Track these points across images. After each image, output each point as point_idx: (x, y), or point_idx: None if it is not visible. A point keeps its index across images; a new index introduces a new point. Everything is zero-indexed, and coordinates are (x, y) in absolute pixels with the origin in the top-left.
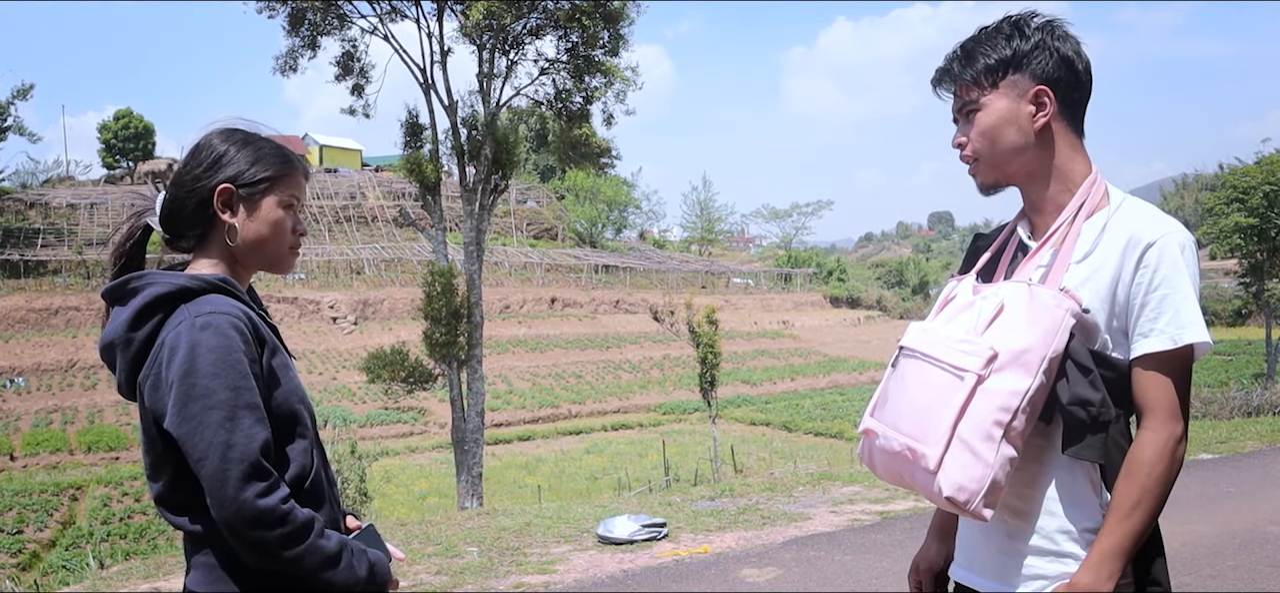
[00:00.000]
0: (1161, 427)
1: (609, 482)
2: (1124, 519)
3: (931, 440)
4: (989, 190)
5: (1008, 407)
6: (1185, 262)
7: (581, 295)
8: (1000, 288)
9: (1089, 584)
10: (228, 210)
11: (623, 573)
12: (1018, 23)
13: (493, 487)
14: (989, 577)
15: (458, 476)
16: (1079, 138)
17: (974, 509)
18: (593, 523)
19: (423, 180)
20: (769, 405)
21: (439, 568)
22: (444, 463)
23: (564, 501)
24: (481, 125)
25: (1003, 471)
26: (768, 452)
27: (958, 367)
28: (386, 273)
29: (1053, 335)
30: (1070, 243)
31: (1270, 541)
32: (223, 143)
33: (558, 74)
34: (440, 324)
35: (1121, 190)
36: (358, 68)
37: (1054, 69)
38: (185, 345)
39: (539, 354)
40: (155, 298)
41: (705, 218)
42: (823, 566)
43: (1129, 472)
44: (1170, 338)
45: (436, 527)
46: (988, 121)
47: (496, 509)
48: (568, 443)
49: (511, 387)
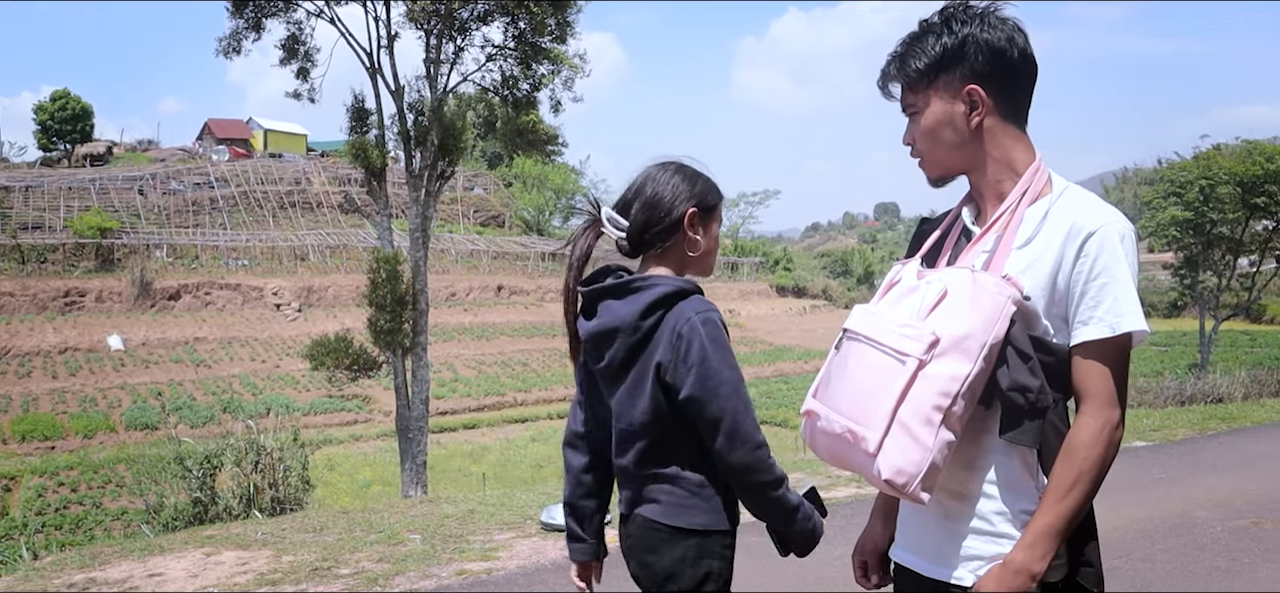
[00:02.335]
0: (1099, 412)
1: (554, 470)
2: (1059, 501)
3: (872, 424)
4: (937, 184)
5: (948, 392)
6: (1125, 251)
7: (528, 283)
8: (944, 273)
9: (1023, 563)
10: (692, 228)
11: (565, 559)
12: (947, 20)
13: (437, 475)
14: (927, 558)
15: (402, 464)
16: (1020, 125)
17: (912, 492)
18: (536, 510)
19: (368, 166)
20: None
21: (381, 556)
22: (388, 451)
23: (509, 489)
24: (428, 111)
25: (941, 455)
26: None
27: (899, 351)
28: (331, 260)
29: (994, 322)
30: (1013, 229)
31: (1198, 525)
32: (680, 177)
33: (505, 61)
34: (385, 311)
35: (1064, 178)
36: (303, 51)
37: (985, 64)
38: (700, 335)
39: (485, 342)
40: (662, 296)
41: None
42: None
43: (1066, 455)
44: (1109, 326)
45: (379, 515)
46: (926, 124)
47: (440, 497)
48: (513, 431)
49: (457, 375)
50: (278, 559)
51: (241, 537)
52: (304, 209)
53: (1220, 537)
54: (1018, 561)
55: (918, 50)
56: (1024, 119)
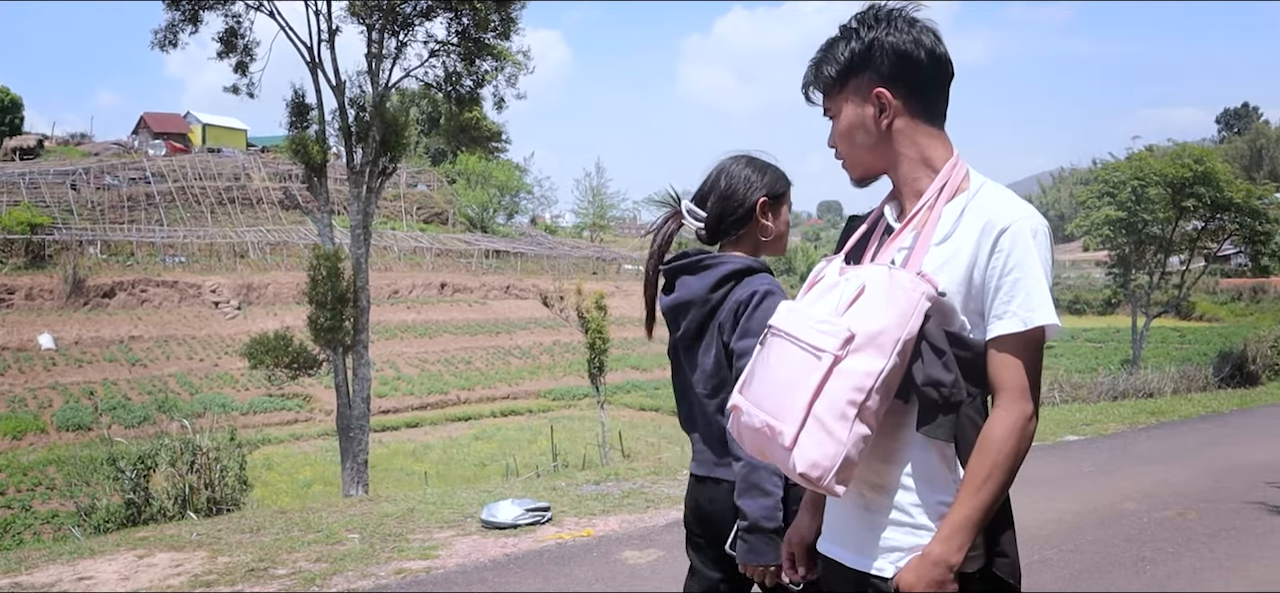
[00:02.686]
0: (1013, 405)
1: (497, 468)
2: (975, 493)
3: (788, 418)
4: (859, 184)
5: (862, 387)
6: (1037, 246)
7: (472, 281)
8: (863, 270)
9: (940, 555)
10: (764, 216)
11: (505, 557)
12: (855, 26)
13: (379, 474)
14: (850, 550)
15: (342, 463)
16: (936, 124)
17: (827, 485)
18: (477, 508)
19: (309, 162)
20: (659, 391)
21: (319, 555)
22: (329, 451)
23: (451, 487)
24: (370, 107)
25: (856, 448)
26: (656, 437)
27: (816, 347)
28: (271, 257)
29: (908, 318)
30: (931, 226)
31: (1126, 516)
32: (752, 169)
33: (448, 56)
34: (325, 309)
35: (982, 175)
36: (241, 45)
37: (891, 67)
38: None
39: (428, 340)
40: (731, 271)
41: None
42: None
43: (981, 448)
44: (1021, 320)
45: (317, 514)
46: (841, 127)
47: (380, 496)
48: (456, 430)
49: (399, 373)
50: (213, 560)
51: (176, 538)
52: (243, 205)
53: (1146, 527)
54: (935, 552)
55: (830, 57)
56: (940, 118)
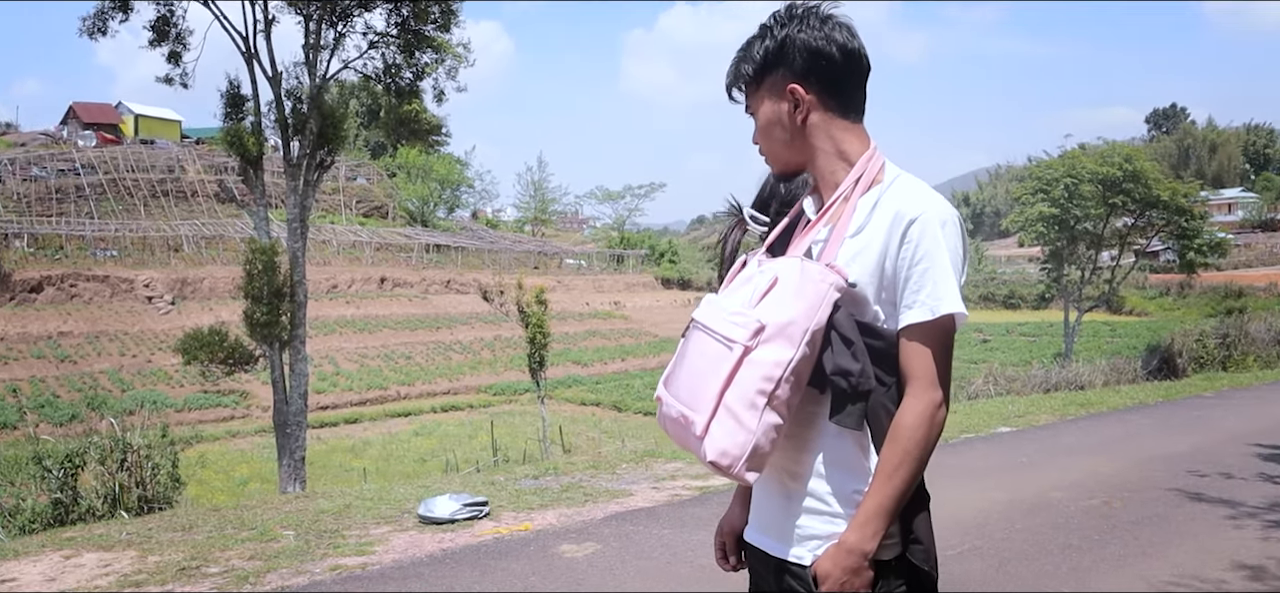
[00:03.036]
0: (922, 393)
1: (437, 464)
2: (887, 480)
3: (700, 408)
4: (781, 178)
5: (771, 376)
6: (945, 237)
7: (412, 275)
8: (777, 263)
9: (855, 543)
10: None
11: (442, 552)
12: (771, 24)
13: (318, 471)
14: (772, 537)
15: (279, 460)
16: (852, 118)
17: (737, 473)
18: (414, 504)
19: (244, 154)
20: (599, 386)
21: (253, 553)
22: (267, 447)
23: (389, 483)
24: (307, 98)
25: (766, 437)
26: (597, 431)
27: (728, 338)
28: (207, 251)
29: (816, 309)
30: (846, 218)
31: (1054, 505)
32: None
33: (387, 48)
34: (261, 304)
35: (898, 168)
36: (174, 34)
37: (804, 63)
38: None
39: (367, 335)
40: None
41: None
42: (641, 540)
43: (892, 436)
44: (929, 309)
45: (252, 512)
46: (760, 123)
47: (316, 492)
48: (396, 425)
49: (338, 368)
50: (143, 560)
51: (104, 538)
52: (178, 198)
53: (1074, 516)
54: (850, 540)
55: (748, 55)
56: (856, 112)
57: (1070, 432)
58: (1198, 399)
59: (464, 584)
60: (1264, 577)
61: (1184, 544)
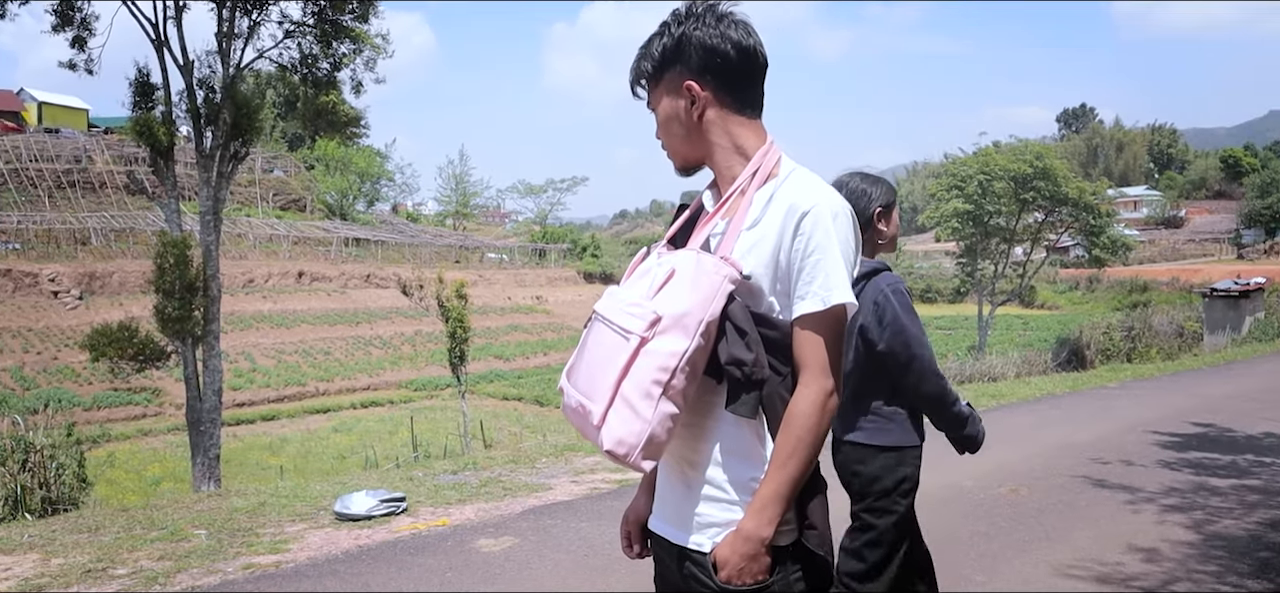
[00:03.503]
0: (814, 382)
1: (357, 461)
2: (781, 468)
3: (598, 397)
4: (682, 173)
5: (666, 367)
6: (836, 228)
7: (331, 269)
8: (674, 255)
9: (752, 530)
10: (879, 222)
11: (358, 549)
12: (668, 22)
13: (233, 469)
14: (673, 525)
15: (193, 458)
16: (750, 113)
17: (633, 462)
18: (331, 501)
19: (154, 145)
20: (522, 380)
21: (163, 553)
22: (180, 446)
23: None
24: (220, 88)
25: (662, 426)
26: (518, 426)
27: (625, 329)
28: (117, 244)
29: (710, 300)
30: (742, 211)
31: (965, 494)
32: (866, 183)
33: (304, 38)
34: (173, 298)
35: (793, 162)
36: (79, 18)
37: (699, 60)
38: (892, 302)
39: (285, 330)
40: (863, 273)
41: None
42: (558, 533)
43: (786, 424)
44: (821, 300)
45: (162, 511)
46: (660, 119)
47: (230, 490)
48: (315, 422)
49: (255, 365)
50: (46, 563)
51: (5, 541)
52: (85, 189)
53: (982, 503)
54: (747, 527)
55: (647, 52)
56: (752, 108)
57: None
58: (1103, 390)
59: (380, 581)
60: (1157, 558)
61: (1086, 529)
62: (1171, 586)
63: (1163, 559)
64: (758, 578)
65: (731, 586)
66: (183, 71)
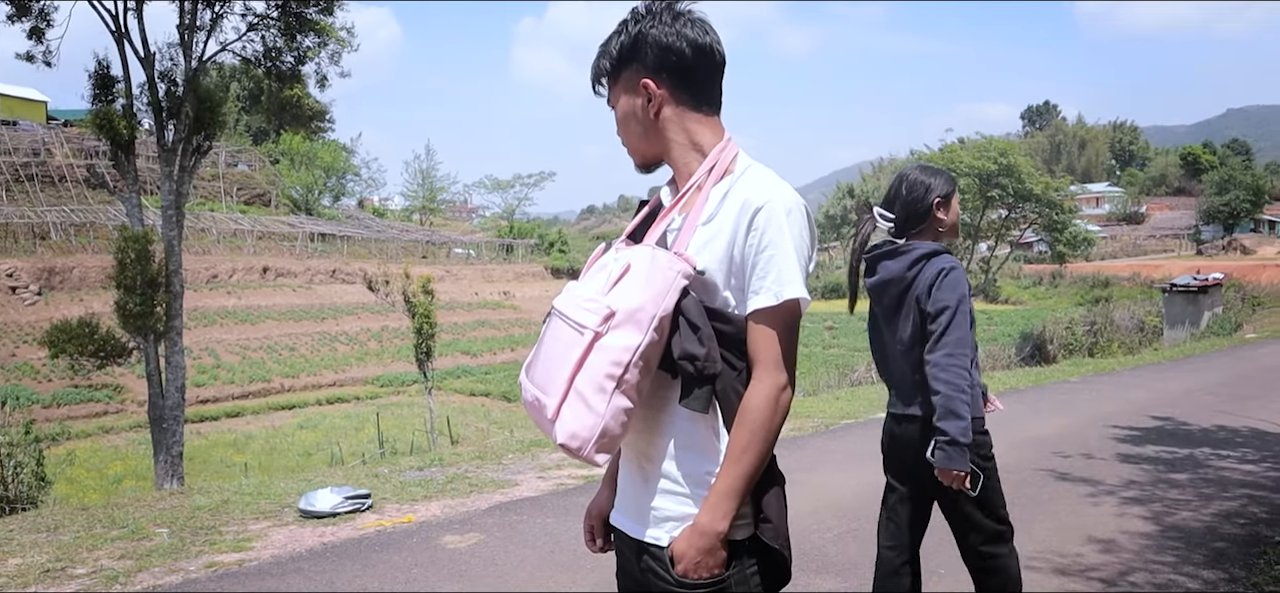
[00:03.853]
0: (767, 377)
1: (322, 457)
2: (736, 462)
3: (552, 391)
4: (642, 170)
5: (620, 361)
6: (789, 224)
7: (296, 265)
8: (632, 250)
9: (708, 524)
10: (939, 211)
11: (323, 546)
12: (626, 20)
13: (197, 466)
14: (632, 519)
15: (155, 456)
16: (707, 110)
17: (587, 455)
18: (295, 498)
19: (115, 138)
20: (489, 376)
21: (124, 552)
22: (142, 443)
23: (272, 478)
24: (183, 81)
25: (615, 420)
26: (485, 422)
27: (579, 323)
28: (77, 238)
29: (663, 295)
30: (698, 207)
31: None
32: (926, 175)
33: (268, 31)
34: (134, 294)
35: (750, 159)
36: (36, 9)
37: (655, 58)
38: (945, 278)
39: (250, 326)
40: (922, 254)
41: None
42: (524, 529)
43: (740, 419)
44: (774, 295)
45: (123, 510)
46: (618, 116)
47: (193, 488)
48: (280, 418)
49: (219, 361)
50: (2, 563)
51: None
52: (44, 183)
53: None
54: (703, 522)
55: (606, 51)
56: (710, 105)
57: None
58: (1066, 384)
59: (344, 578)
60: (1114, 549)
61: (1047, 521)
62: (1128, 576)
63: (1120, 550)
64: (713, 572)
65: (688, 580)
66: (144, 64)
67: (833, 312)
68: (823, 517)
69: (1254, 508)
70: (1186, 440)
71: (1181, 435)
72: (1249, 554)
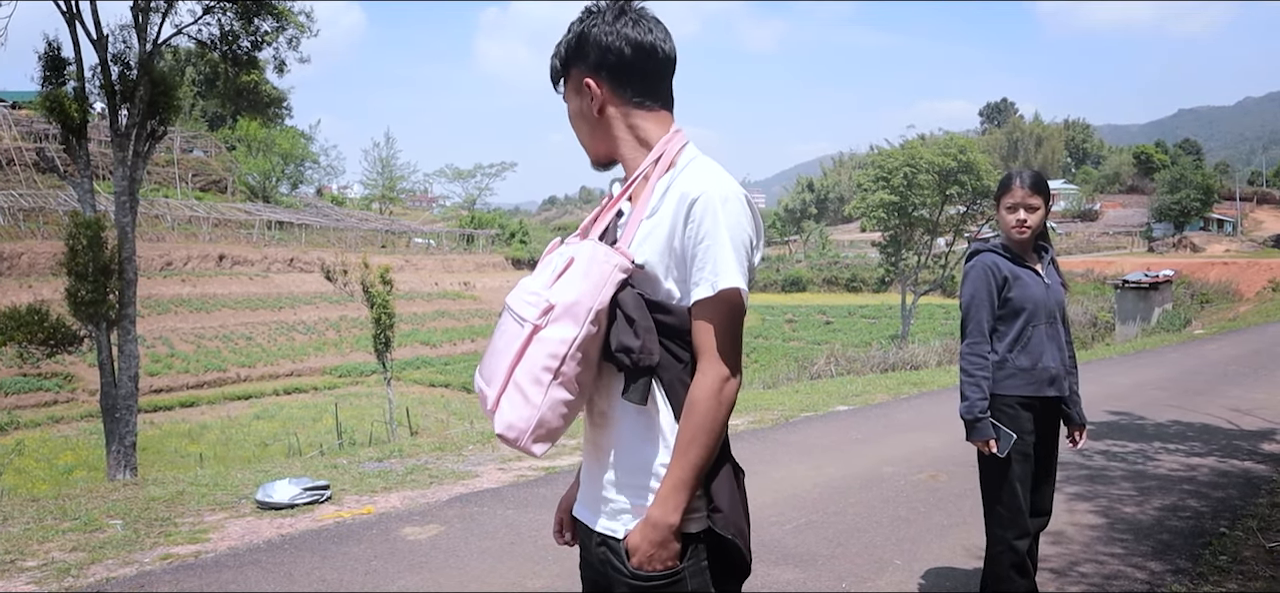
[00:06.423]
0: (710, 368)
1: (280, 448)
2: (683, 455)
3: (494, 382)
4: (597, 166)
5: (557, 354)
6: (725, 214)
7: (253, 253)
8: (575, 245)
9: (659, 517)
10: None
11: (280, 538)
12: (574, 20)
13: (151, 457)
14: (591, 510)
15: (107, 446)
16: (650, 105)
17: (525, 446)
18: (252, 489)
19: (66, 122)
20: (448, 366)
21: (75, 544)
22: (94, 433)
23: (228, 468)
24: (136, 64)
25: (553, 411)
26: (445, 412)
27: (521, 317)
28: (25, 224)
29: (600, 288)
30: (644, 200)
31: (886, 479)
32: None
33: (224, 14)
34: (86, 281)
35: (697, 151)
36: None
37: (596, 57)
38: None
39: (205, 315)
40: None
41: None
42: (485, 521)
43: (686, 412)
44: (711, 285)
45: (76, 501)
46: (569, 114)
47: (147, 479)
48: (236, 409)
49: (174, 350)
50: None
51: None
52: None
53: (903, 489)
54: (655, 515)
55: (557, 49)
56: (658, 101)
57: (904, 410)
58: None
59: (303, 570)
60: (1064, 541)
61: None
62: (1077, 567)
63: (1070, 542)
64: (667, 565)
65: (642, 572)
66: (96, 46)
67: (793, 305)
68: (783, 509)
69: (1199, 502)
70: (1136, 435)
71: (1131, 429)
72: (1195, 546)
